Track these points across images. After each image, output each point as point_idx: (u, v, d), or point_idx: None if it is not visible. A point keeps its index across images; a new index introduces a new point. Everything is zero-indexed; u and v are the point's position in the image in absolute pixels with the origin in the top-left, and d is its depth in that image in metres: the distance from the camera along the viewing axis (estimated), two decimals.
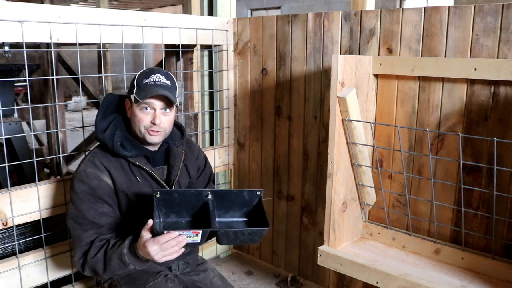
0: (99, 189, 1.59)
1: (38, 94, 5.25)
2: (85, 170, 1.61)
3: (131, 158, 1.64)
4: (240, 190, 1.63)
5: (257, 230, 1.49)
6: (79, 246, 1.59)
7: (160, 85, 1.61)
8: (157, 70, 1.66)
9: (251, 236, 1.49)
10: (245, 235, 1.48)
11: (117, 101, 1.72)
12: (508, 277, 1.73)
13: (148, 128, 1.61)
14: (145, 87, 1.60)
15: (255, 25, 2.54)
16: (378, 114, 2.06)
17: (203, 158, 1.94)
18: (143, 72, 1.65)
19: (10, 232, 2.06)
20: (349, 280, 2.34)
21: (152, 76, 1.62)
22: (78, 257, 1.59)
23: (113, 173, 1.63)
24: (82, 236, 1.58)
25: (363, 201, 2.10)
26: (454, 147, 1.85)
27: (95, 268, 1.56)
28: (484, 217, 1.83)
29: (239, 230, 1.49)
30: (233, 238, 1.50)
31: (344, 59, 1.81)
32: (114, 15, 2.04)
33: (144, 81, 1.61)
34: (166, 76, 1.65)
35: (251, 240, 1.51)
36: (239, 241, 1.51)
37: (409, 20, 1.91)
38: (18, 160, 3.55)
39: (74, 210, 1.60)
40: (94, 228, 1.59)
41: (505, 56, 1.68)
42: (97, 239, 1.59)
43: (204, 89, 2.79)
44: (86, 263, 1.57)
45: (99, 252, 1.55)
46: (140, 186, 1.66)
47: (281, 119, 2.52)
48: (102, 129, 1.66)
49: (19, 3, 1.75)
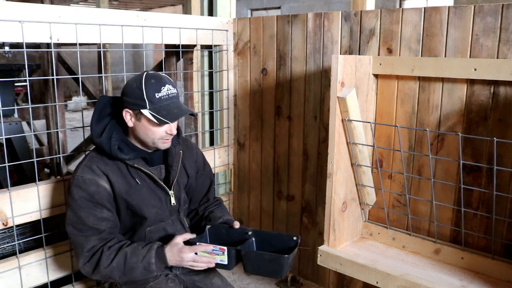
0: (98, 195, 1.58)
1: (38, 94, 5.25)
2: (82, 176, 1.59)
3: (129, 161, 1.63)
4: (279, 234, 1.73)
5: (276, 256, 1.55)
6: (81, 253, 1.58)
7: (173, 97, 1.59)
8: (164, 80, 1.60)
9: (271, 265, 1.55)
10: (265, 260, 1.56)
11: (111, 103, 1.69)
12: (508, 277, 1.73)
13: (163, 138, 1.62)
14: (162, 104, 1.56)
15: (255, 25, 2.54)
16: (378, 114, 2.06)
17: (201, 156, 1.94)
18: (150, 83, 1.57)
19: (10, 232, 2.07)
20: (349, 280, 2.34)
21: (163, 88, 1.57)
22: (82, 264, 1.59)
23: (111, 177, 1.61)
24: (83, 243, 1.58)
25: (363, 201, 2.10)
26: (454, 147, 1.85)
27: (110, 276, 1.57)
28: (484, 217, 1.83)
29: (260, 253, 1.59)
30: (256, 264, 1.58)
31: (344, 59, 1.82)
32: (114, 15, 2.04)
33: (157, 95, 1.55)
34: (172, 84, 1.62)
35: (273, 271, 1.57)
36: (262, 270, 1.59)
37: (409, 20, 1.91)
38: (18, 160, 3.55)
39: (73, 216, 1.58)
40: (95, 234, 1.58)
41: (505, 56, 1.68)
42: (105, 246, 1.58)
43: (204, 89, 2.79)
44: (98, 271, 1.57)
45: (114, 261, 1.56)
46: (139, 188, 1.66)
47: (281, 119, 2.52)
48: (98, 133, 1.64)
49: (19, 3, 1.75)
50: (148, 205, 1.68)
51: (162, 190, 1.71)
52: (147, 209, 1.67)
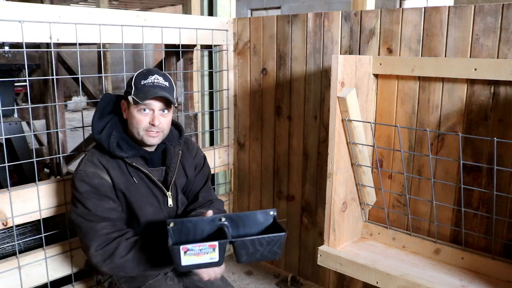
0: (102, 187, 1.59)
1: (38, 94, 5.24)
2: (85, 170, 1.61)
3: (127, 159, 1.64)
4: (253, 212, 1.58)
5: (275, 237, 1.44)
6: (94, 237, 1.55)
7: (159, 86, 1.60)
8: (155, 71, 1.65)
9: (270, 247, 1.45)
10: (263, 244, 1.44)
11: (114, 101, 1.72)
12: (508, 277, 1.73)
13: (147, 130, 1.61)
14: (144, 89, 1.59)
15: (255, 25, 2.54)
16: (378, 114, 2.06)
17: (202, 157, 1.93)
18: (140, 73, 1.64)
19: (10, 232, 2.06)
20: (349, 280, 2.34)
21: (150, 77, 1.62)
22: (94, 250, 1.55)
23: (112, 173, 1.63)
24: (96, 227, 1.56)
25: (363, 201, 2.10)
26: (454, 147, 1.85)
27: (123, 267, 1.55)
28: (484, 217, 1.83)
29: (256, 239, 1.44)
30: (252, 251, 1.45)
31: (344, 59, 1.81)
32: (114, 15, 2.04)
33: (142, 82, 1.60)
34: (164, 77, 1.65)
35: (271, 252, 1.45)
36: (259, 255, 1.46)
37: (409, 20, 1.91)
38: (18, 160, 3.54)
39: (82, 208, 1.58)
40: (107, 221, 1.58)
41: (505, 56, 1.68)
42: (123, 237, 1.57)
43: (204, 89, 2.79)
44: (111, 261, 1.54)
45: (131, 252, 1.54)
46: (138, 187, 1.66)
47: (281, 119, 2.52)
48: (98, 130, 1.66)
49: (19, 3, 1.75)
50: (146, 204, 1.68)
51: (159, 190, 1.71)
52: (144, 207, 1.67)
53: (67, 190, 1.95)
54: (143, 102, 1.57)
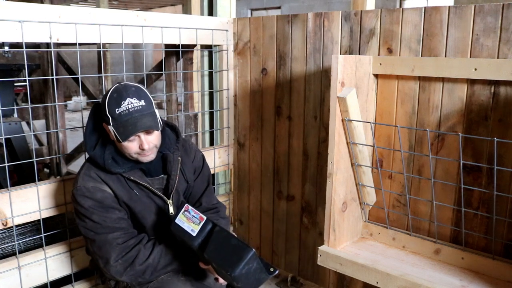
0: (106, 200, 1.58)
1: (38, 94, 5.24)
2: (85, 185, 1.58)
3: (124, 173, 1.61)
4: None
5: (242, 246, 1.40)
6: (111, 248, 1.54)
7: (136, 111, 1.50)
8: (126, 93, 1.52)
9: (233, 253, 1.40)
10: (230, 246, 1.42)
11: None
12: (508, 277, 1.73)
13: (139, 153, 1.57)
14: (121, 120, 1.49)
15: (255, 25, 2.53)
16: (378, 114, 2.06)
17: (200, 158, 1.90)
18: (111, 98, 1.52)
19: (10, 232, 2.06)
20: (349, 280, 2.34)
21: (123, 103, 1.50)
22: (114, 261, 1.53)
23: (112, 185, 1.60)
24: (110, 239, 1.54)
25: (363, 201, 2.10)
26: (454, 147, 1.85)
27: (143, 273, 1.55)
28: (484, 217, 1.83)
29: (230, 234, 1.46)
30: (218, 247, 1.42)
31: (344, 59, 1.81)
32: (114, 15, 2.04)
33: (117, 111, 1.50)
34: (138, 96, 1.52)
35: (229, 261, 1.39)
36: (221, 257, 1.42)
37: (409, 20, 1.91)
38: (18, 160, 3.55)
39: (91, 222, 1.56)
40: (119, 231, 1.57)
41: (505, 56, 1.68)
42: (141, 244, 1.57)
43: (204, 89, 2.79)
44: (132, 269, 1.54)
45: (150, 257, 1.55)
46: (139, 198, 1.65)
47: (281, 119, 2.52)
48: (91, 146, 1.61)
49: (19, 3, 1.75)
50: (150, 213, 1.68)
51: (160, 199, 1.70)
52: (149, 216, 1.68)
53: (67, 190, 1.94)
54: (126, 140, 1.51)
